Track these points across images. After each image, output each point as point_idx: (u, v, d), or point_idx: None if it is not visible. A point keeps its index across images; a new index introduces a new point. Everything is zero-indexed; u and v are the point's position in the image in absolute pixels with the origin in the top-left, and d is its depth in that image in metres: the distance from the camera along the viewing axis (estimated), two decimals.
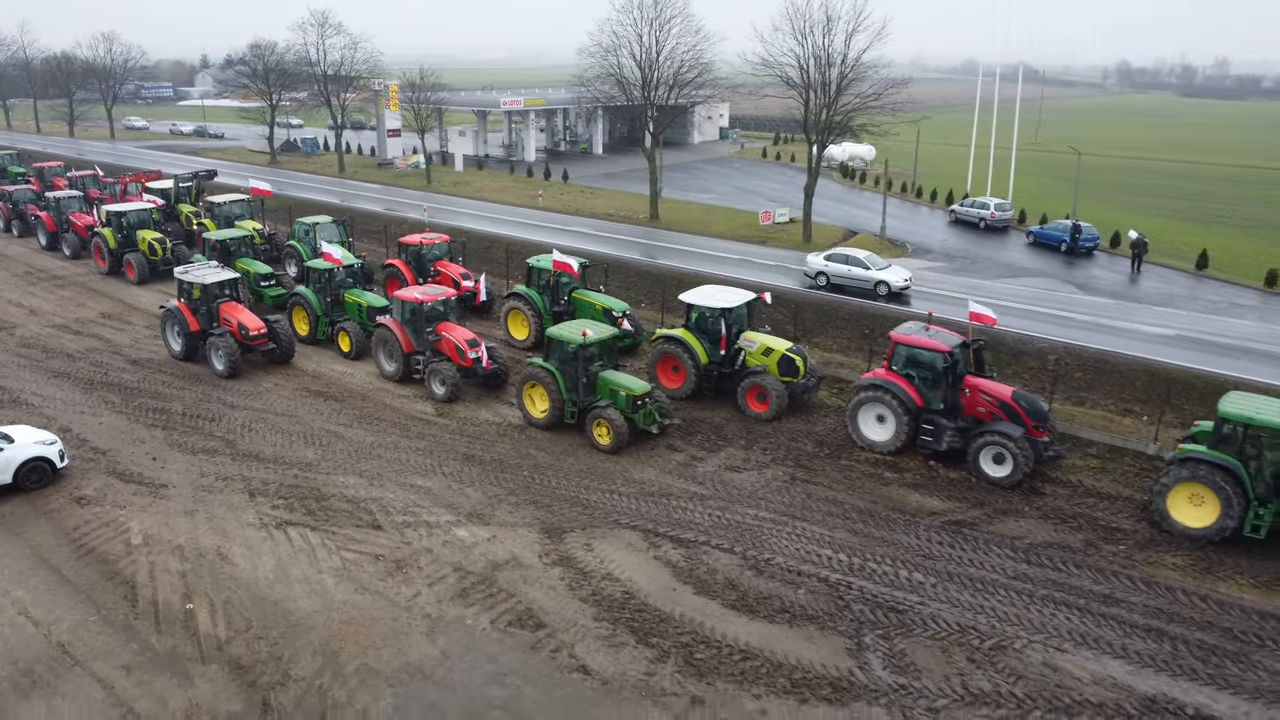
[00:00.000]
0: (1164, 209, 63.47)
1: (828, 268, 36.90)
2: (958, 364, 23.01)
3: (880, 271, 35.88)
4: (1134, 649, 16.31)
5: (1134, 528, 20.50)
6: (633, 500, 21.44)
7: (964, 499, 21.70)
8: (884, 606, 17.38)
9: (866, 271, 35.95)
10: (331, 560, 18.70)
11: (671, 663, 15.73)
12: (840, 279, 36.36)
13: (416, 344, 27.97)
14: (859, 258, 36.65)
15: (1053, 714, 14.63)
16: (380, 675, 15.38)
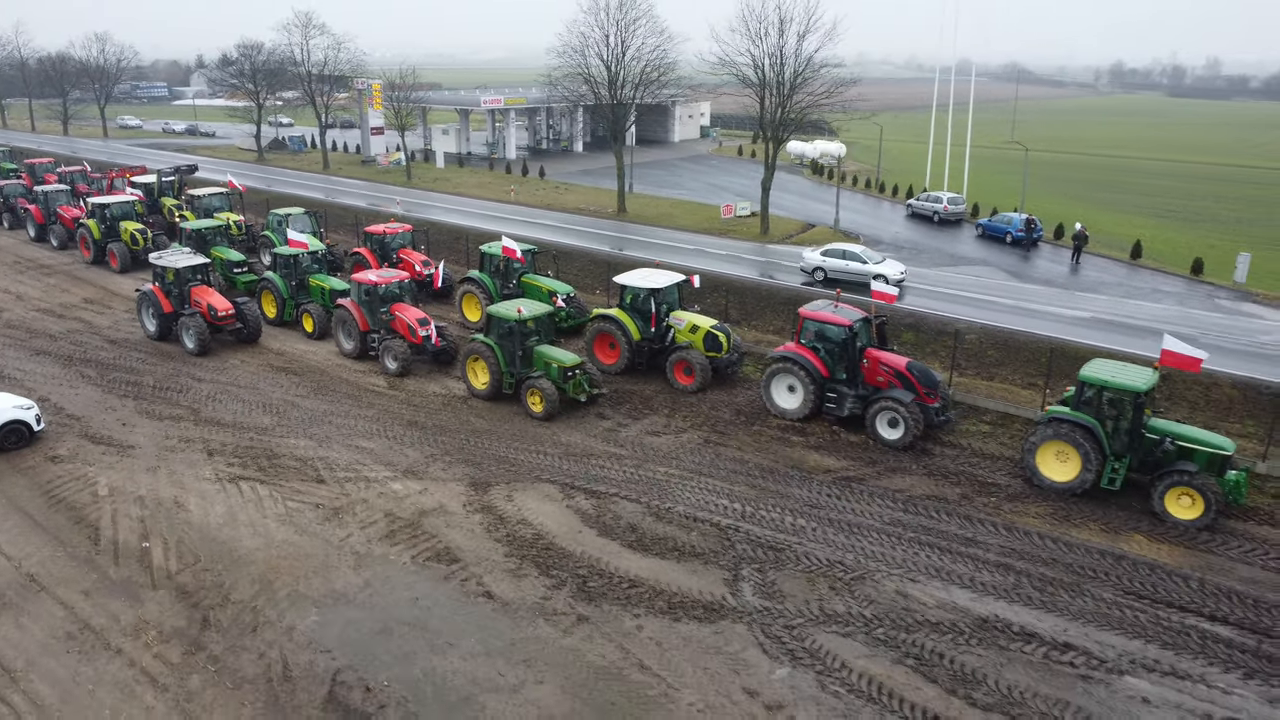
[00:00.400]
0: (1122, 204, 65.63)
1: (825, 263, 38.11)
2: (858, 337, 25.13)
3: (877, 265, 37.37)
4: (981, 580, 18.44)
5: (1008, 483, 22.63)
6: (557, 459, 23.58)
7: (859, 459, 23.84)
8: (764, 546, 19.51)
9: (864, 265, 37.31)
10: (276, 508, 20.83)
11: (566, 590, 17.86)
12: (838, 273, 37.49)
13: (372, 323, 30.09)
14: (856, 252, 38.11)
15: (895, 631, 16.75)
16: (308, 599, 17.52)
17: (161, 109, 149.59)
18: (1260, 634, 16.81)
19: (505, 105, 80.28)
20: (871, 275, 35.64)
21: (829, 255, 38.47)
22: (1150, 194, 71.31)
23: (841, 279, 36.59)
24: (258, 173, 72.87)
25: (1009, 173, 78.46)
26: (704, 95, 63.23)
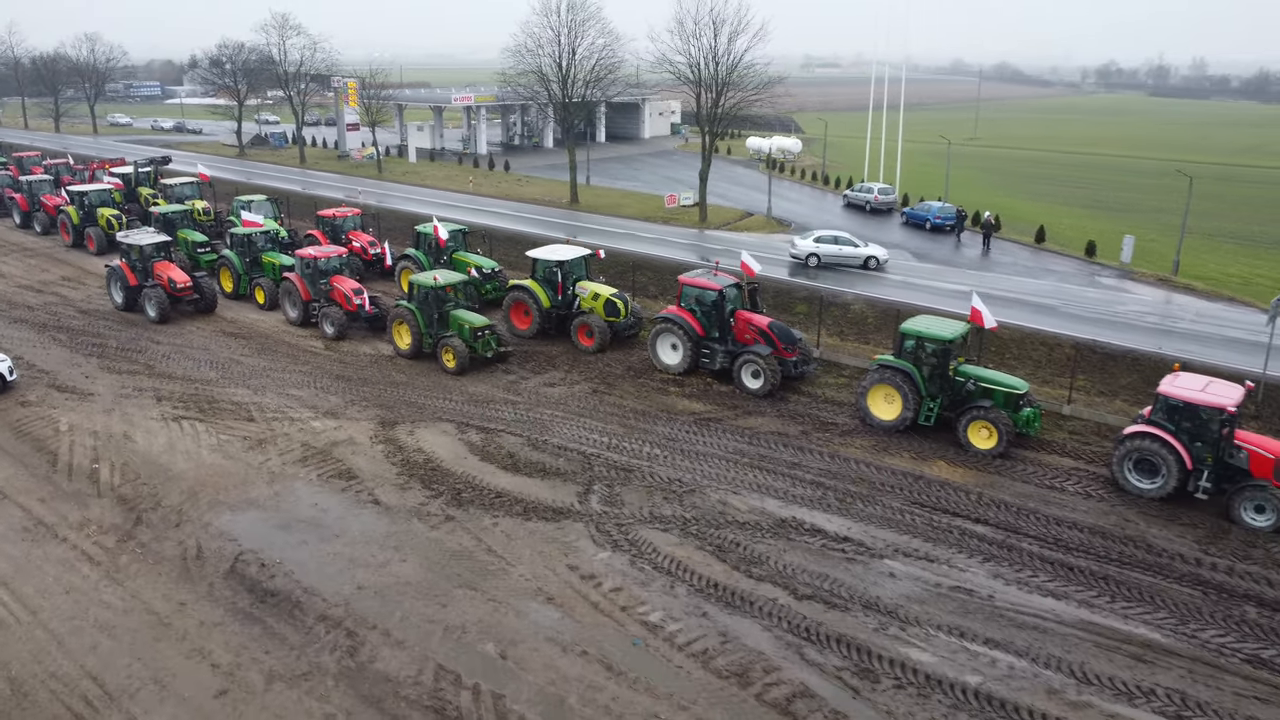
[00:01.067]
0: (1055, 195, 69.18)
1: (819, 249, 41.41)
2: (728, 300, 28.75)
3: (866, 249, 41.24)
4: (793, 494, 22.06)
5: (845, 423, 26.26)
6: (460, 405, 27.21)
7: (723, 405, 27.46)
8: (619, 468, 23.13)
9: (856, 249, 41.08)
10: (209, 440, 24.45)
11: (442, 499, 21.49)
12: (831, 258, 41.03)
13: (313, 293, 33.69)
14: (848, 237, 41.77)
15: (706, 528, 20.35)
16: (225, 505, 21.14)
17: (154, 107, 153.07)
18: (1009, 532, 20.42)
19: (476, 102, 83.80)
20: (864, 257, 40.24)
21: (821, 242, 41.94)
22: (1085, 186, 74.91)
23: (835, 262, 40.63)
24: (238, 167, 76.50)
25: (956, 166, 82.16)
26: (652, 92, 66.78)
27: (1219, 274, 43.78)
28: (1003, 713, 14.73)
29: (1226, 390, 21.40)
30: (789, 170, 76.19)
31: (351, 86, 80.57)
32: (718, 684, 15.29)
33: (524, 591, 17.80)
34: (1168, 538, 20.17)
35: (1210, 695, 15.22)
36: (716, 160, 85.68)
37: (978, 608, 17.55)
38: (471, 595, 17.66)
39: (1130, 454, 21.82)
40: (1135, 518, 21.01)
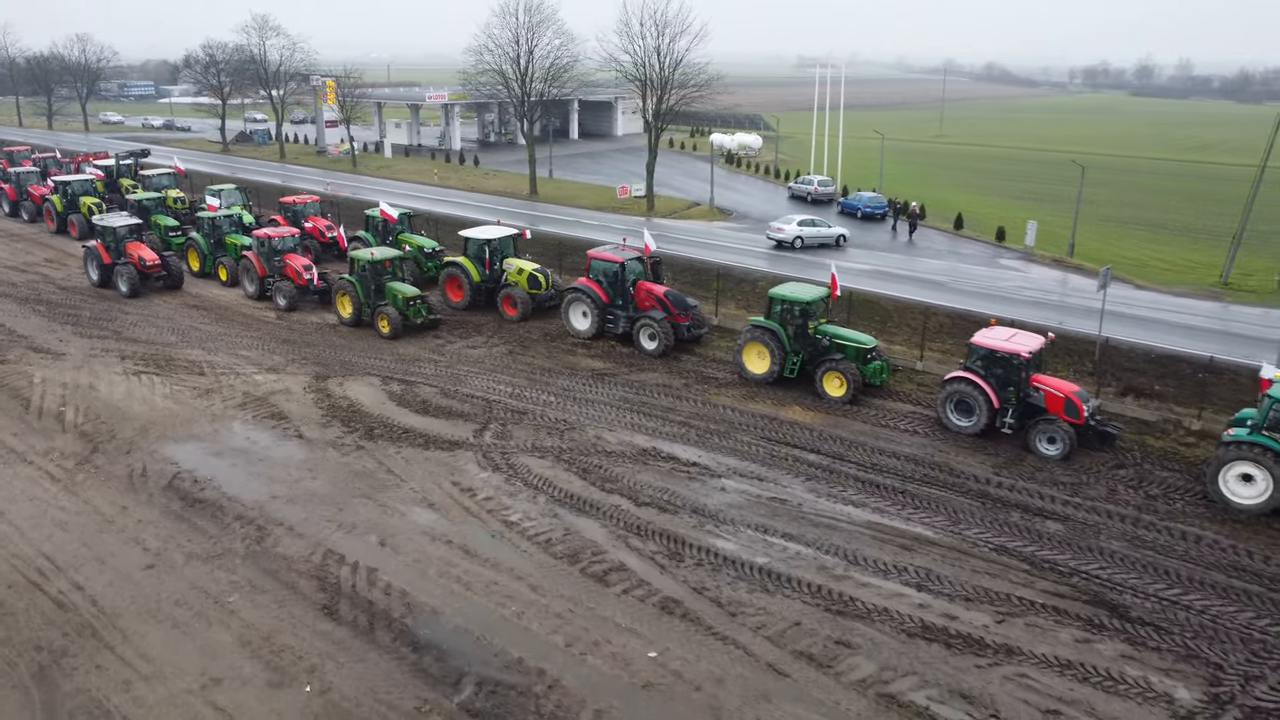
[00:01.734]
0: (991, 187, 72.86)
1: (802, 232, 46.75)
2: (629, 272, 32.40)
3: (836, 229, 47.71)
4: (660, 431, 25.68)
5: (724, 378, 29.89)
6: (389, 363, 30.87)
7: (621, 363, 31.10)
8: (515, 411, 26.78)
9: (830, 230, 47.23)
10: (163, 389, 28.11)
11: (356, 434, 25.14)
12: (812, 239, 46.58)
13: (268, 269, 37.33)
14: (822, 220, 48.35)
15: (577, 455, 23.95)
16: (171, 438, 24.80)
17: (147, 106, 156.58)
18: (836, 459, 24.07)
19: (449, 100, 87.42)
20: (836, 235, 46.98)
21: (804, 225, 47.28)
22: (1023, 180, 78.53)
23: (816, 241, 46.41)
24: (222, 162, 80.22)
25: (912, 161, 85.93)
26: (623, 92, 70.39)
27: (1116, 256, 47.30)
28: (776, 583, 18.38)
29: (1028, 340, 25.07)
30: (746, 165, 79.87)
31: (330, 86, 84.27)
32: (552, 563, 18.94)
33: (410, 500, 21.46)
34: (969, 464, 23.83)
35: (952, 572, 18.86)
36: (680, 155, 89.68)
37: (786, 513, 21.20)
38: (366, 503, 21.31)
39: (950, 396, 25.49)
40: (948, 449, 24.67)
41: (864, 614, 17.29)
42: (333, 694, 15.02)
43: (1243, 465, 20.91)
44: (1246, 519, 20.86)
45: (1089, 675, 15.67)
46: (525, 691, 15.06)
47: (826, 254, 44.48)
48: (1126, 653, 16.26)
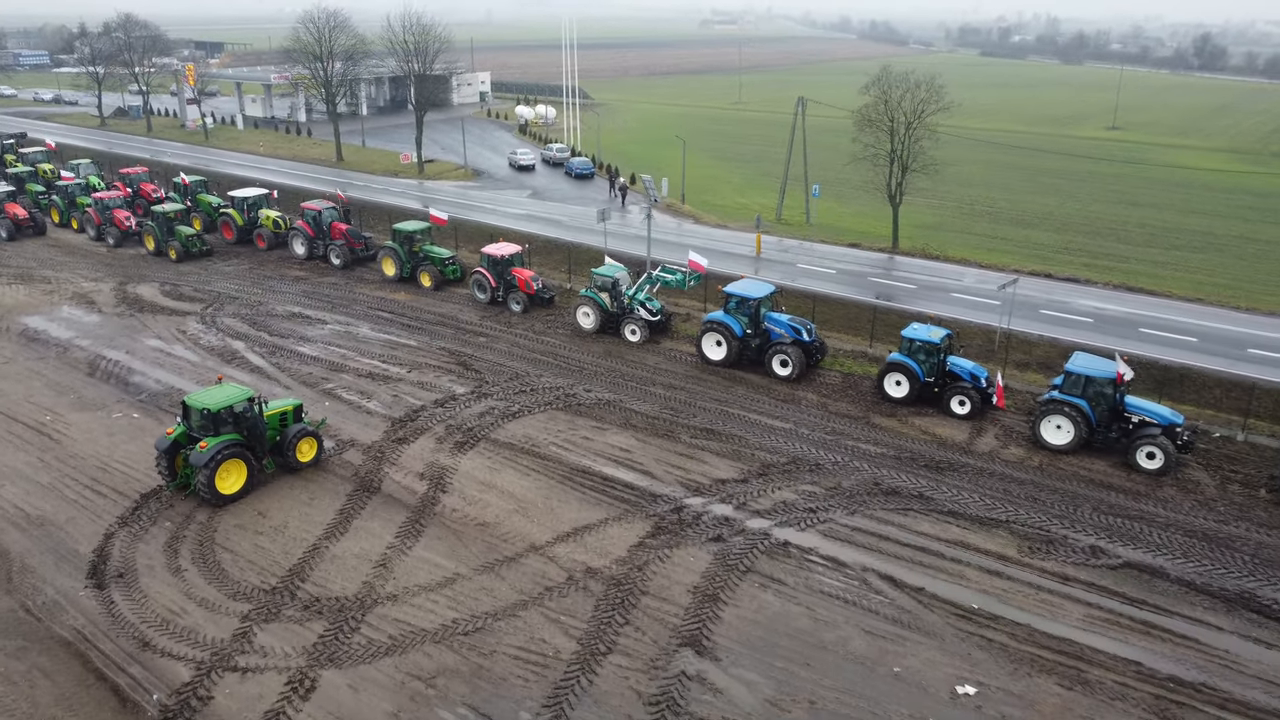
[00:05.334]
0: (714, 150, 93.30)
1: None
2: (325, 215, 51.86)
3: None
4: (307, 303, 45.39)
5: (373, 278, 49.66)
6: (170, 275, 49.93)
7: (314, 272, 50.56)
8: (232, 298, 46.20)
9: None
10: (23, 291, 46.77)
11: (135, 310, 44.49)
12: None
13: (103, 219, 55.90)
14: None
15: (260, 318, 43.59)
16: (24, 314, 43.89)
17: (41, 77, 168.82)
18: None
19: (294, 79, 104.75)
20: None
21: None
22: (754, 144, 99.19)
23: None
24: (97, 136, 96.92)
25: (683, 127, 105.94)
26: (458, 68, 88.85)
27: (714, 202, 67.89)
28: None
29: (507, 247, 45.22)
30: (531, 134, 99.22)
31: (189, 69, 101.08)
32: (210, 357, 38.64)
33: (153, 336, 40.78)
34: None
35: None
36: (490, 124, 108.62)
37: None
38: (126, 339, 40.54)
39: (474, 280, 45.67)
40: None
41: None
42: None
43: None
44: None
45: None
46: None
47: (523, 186, 64.44)
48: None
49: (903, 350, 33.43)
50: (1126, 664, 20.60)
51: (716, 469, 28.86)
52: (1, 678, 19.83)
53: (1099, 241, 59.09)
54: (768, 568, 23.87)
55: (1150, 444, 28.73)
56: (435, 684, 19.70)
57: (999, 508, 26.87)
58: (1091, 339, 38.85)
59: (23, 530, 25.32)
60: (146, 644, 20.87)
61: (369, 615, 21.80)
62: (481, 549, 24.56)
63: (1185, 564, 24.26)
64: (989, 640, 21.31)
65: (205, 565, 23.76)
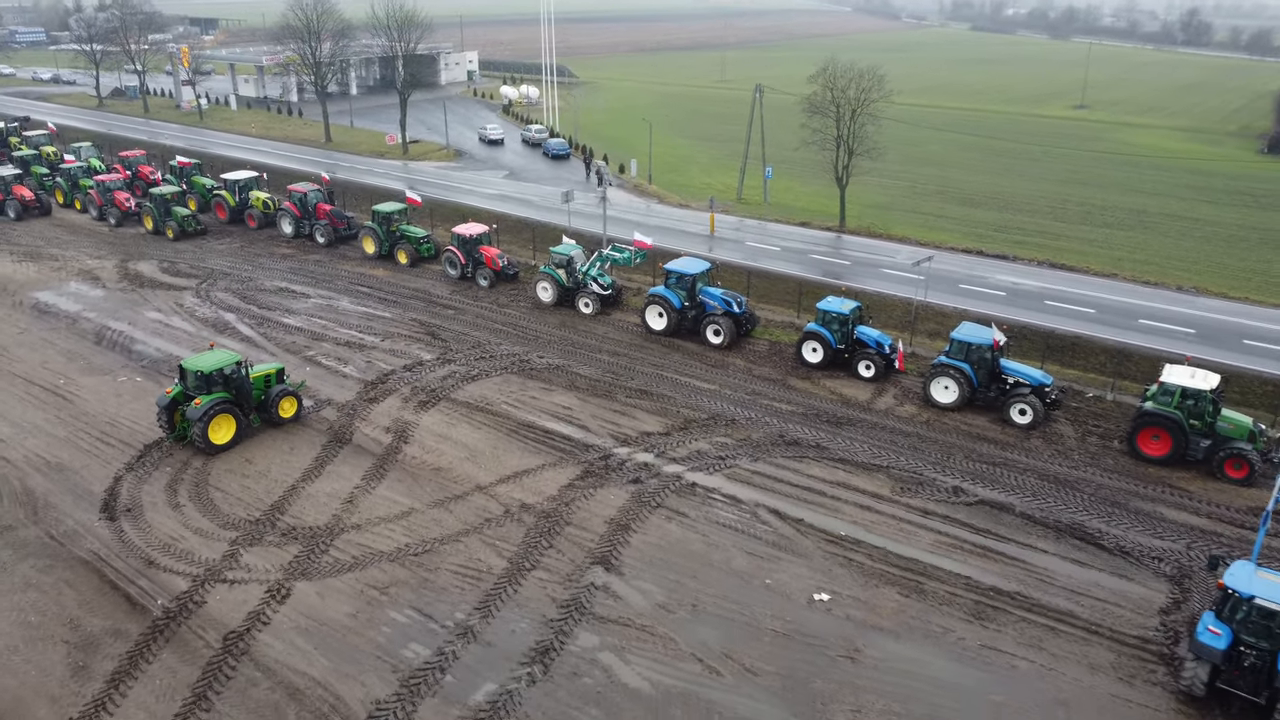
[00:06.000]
0: (691, 130, 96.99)
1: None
2: (310, 197, 55.92)
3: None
4: (293, 277, 49.61)
5: (355, 256, 53.82)
6: (167, 253, 54.12)
7: (301, 250, 54.71)
8: (225, 274, 50.41)
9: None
10: (33, 268, 51.04)
11: (136, 286, 48.72)
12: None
13: (105, 200, 59.96)
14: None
15: (251, 292, 47.83)
16: (34, 289, 48.16)
17: (38, 55, 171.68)
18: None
19: (285, 60, 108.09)
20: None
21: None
22: (727, 122, 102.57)
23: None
24: (95, 117, 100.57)
25: (664, 105, 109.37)
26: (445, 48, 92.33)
27: (695, 184, 71.85)
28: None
29: (476, 227, 49.34)
30: (515, 115, 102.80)
31: (184, 52, 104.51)
32: (201, 327, 42.92)
33: (152, 310, 45.06)
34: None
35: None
36: (476, 104, 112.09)
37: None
38: (129, 310, 44.77)
39: (449, 259, 49.86)
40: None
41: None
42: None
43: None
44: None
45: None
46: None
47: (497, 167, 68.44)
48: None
49: (818, 321, 37.66)
50: (958, 578, 25.01)
51: (645, 424, 33.22)
52: (34, 587, 24.30)
53: (1036, 220, 63.15)
54: (675, 504, 28.27)
55: (1021, 402, 33.06)
56: (388, 592, 24.14)
57: (883, 455, 31.24)
58: (1001, 311, 43.12)
59: (44, 474, 29.70)
60: (151, 562, 25.28)
61: (336, 541, 26.23)
62: (434, 489, 28.96)
63: (1031, 501, 28.65)
64: (849, 560, 25.75)
65: (200, 501, 28.18)
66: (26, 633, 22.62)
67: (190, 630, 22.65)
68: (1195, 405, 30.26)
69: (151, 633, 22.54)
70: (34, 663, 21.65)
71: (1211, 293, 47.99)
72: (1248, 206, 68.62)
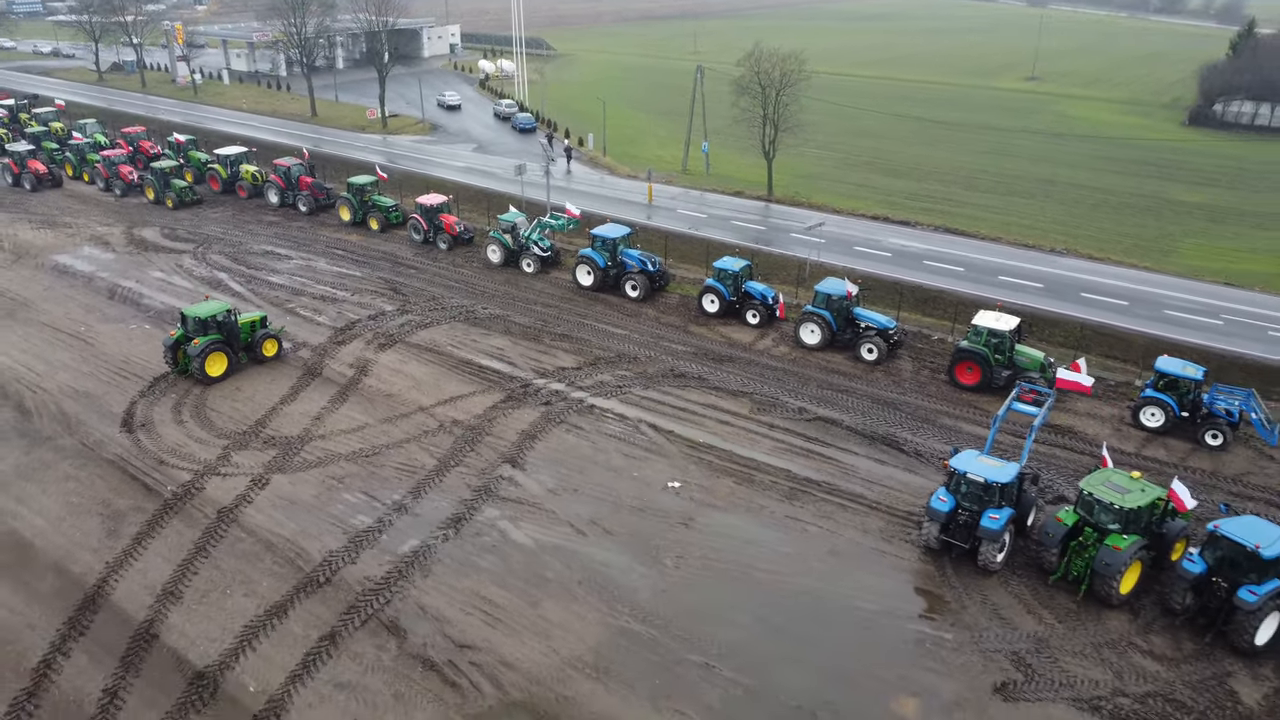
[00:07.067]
0: (651, 103, 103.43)
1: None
2: (293, 170, 63.05)
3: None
4: (277, 241, 56.90)
5: (334, 223, 61.04)
6: (168, 220, 61.34)
7: (286, 218, 61.89)
8: (219, 239, 57.68)
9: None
10: (50, 234, 58.31)
11: (141, 249, 56.01)
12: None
13: (110, 173, 67.04)
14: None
15: (242, 254, 55.12)
16: (52, 252, 55.43)
17: (39, 26, 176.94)
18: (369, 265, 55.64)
19: (274, 38, 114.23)
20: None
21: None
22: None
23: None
24: (95, 92, 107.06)
25: (633, 78, 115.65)
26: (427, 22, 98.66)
27: (649, 156, 78.69)
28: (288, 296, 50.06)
29: (436, 197, 56.55)
30: (490, 89, 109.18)
31: (179, 29, 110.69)
32: (195, 283, 50.33)
33: (156, 270, 52.32)
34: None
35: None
36: (454, 77, 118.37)
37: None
38: (136, 269, 52.00)
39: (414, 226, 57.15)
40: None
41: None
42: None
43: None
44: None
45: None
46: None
47: (460, 157, 75.46)
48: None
49: (714, 276, 45.03)
50: (782, 472, 32.63)
51: (562, 361, 40.71)
52: (73, 479, 31.91)
53: (948, 189, 70.24)
54: (575, 420, 35.83)
55: (869, 342, 40.55)
56: (343, 481, 31.76)
57: (751, 384, 38.77)
58: (886, 269, 50.40)
59: (74, 400, 37.24)
60: (162, 461, 32.90)
61: (305, 446, 33.82)
62: (385, 409, 36.52)
63: (859, 418, 36.20)
64: (701, 459, 33.36)
65: (199, 418, 35.76)
66: (70, 509, 30.27)
67: (193, 507, 30.27)
68: (999, 343, 37.66)
69: (163, 509, 30.15)
70: (78, 528, 29.31)
71: (1080, 254, 55.10)
72: (1148, 176, 75.55)
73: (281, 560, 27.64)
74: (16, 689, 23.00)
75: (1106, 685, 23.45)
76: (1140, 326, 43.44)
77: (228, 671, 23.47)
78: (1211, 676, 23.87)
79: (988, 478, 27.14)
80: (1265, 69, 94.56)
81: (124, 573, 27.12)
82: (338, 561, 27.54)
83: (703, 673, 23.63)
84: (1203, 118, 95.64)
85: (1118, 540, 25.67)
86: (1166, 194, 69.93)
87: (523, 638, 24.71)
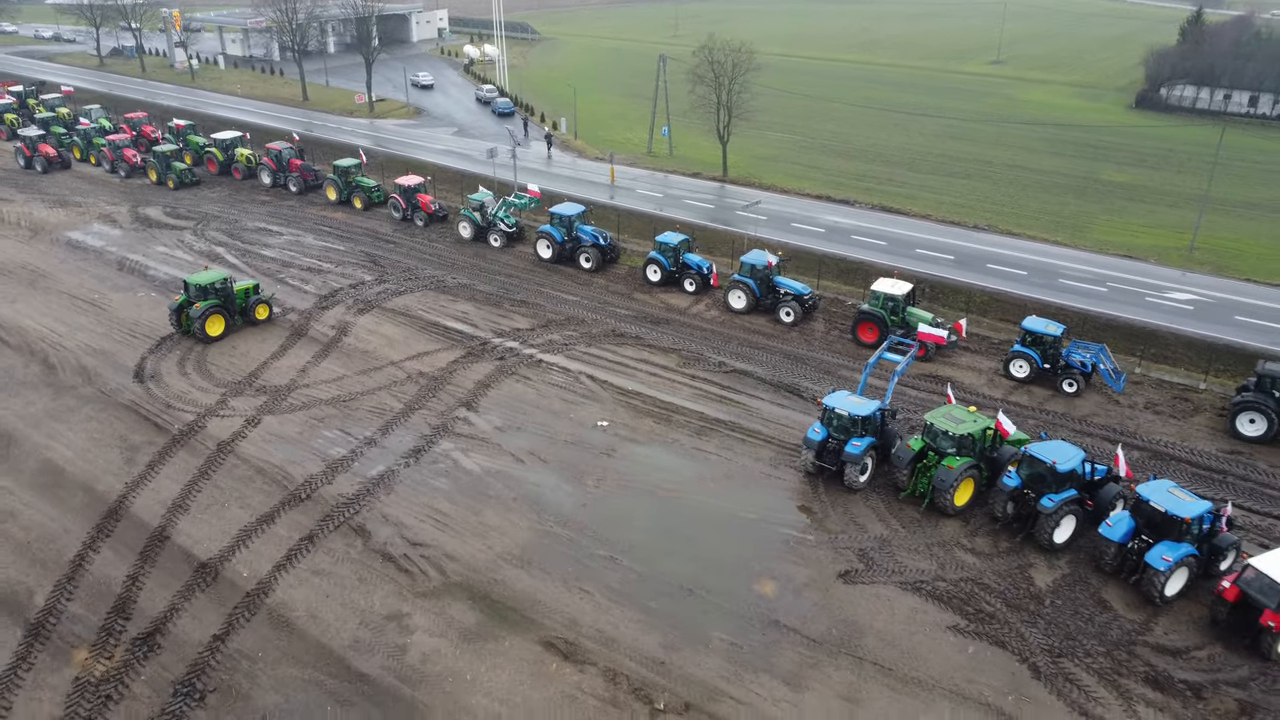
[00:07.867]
0: (624, 87, 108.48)
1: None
2: (284, 154, 68.57)
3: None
4: (270, 218, 62.55)
5: (321, 201, 66.67)
6: (169, 201, 66.92)
7: (278, 198, 67.46)
8: (216, 217, 63.32)
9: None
10: (61, 212, 63.86)
11: (146, 226, 61.69)
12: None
13: (115, 155, 72.57)
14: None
15: (239, 231, 60.80)
16: (65, 229, 61.14)
17: (39, 10, 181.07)
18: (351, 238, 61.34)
19: (267, 25, 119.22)
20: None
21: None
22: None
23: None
24: (96, 78, 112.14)
25: (619, 61, 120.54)
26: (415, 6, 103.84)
27: (620, 139, 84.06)
28: (279, 268, 55.82)
29: (414, 178, 62.18)
30: (474, 74, 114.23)
31: (176, 16, 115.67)
32: (196, 257, 56.04)
33: (161, 245, 57.94)
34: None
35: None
36: (441, 62, 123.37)
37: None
38: (143, 245, 57.82)
39: (393, 204, 62.84)
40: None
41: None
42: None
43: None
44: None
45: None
46: None
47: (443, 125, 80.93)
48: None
49: (656, 249, 50.79)
50: (695, 413, 38.50)
51: (518, 323, 46.52)
52: (94, 420, 37.78)
53: (892, 170, 75.71)
54: (525, 372, 41.68)
55: (786, 306, 46.36)
56: (323, 421, 37.66)
57: (681, 343, 44.59)
58: (818, 244, 56.04)
59: (92, 356, 43.06)
60: (169, 405, 38.78)
61: (291, 393, 39.70)
62: (361, 363, 42.36)
63: (771, 371, 42.05)
64: (629, 404, 39.24)
65: (201, 371, 41.62)
66: (94, 443, 36.18)
67: (196, 441, 36.17)
68: (894, 305, 43.48)
69: (171, 443, 36.05)
70: (101, 458, 35.22)
71: (999, 230, 60.70)
72: (1084, 158, 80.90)
73: (270, 482, 33.54)
74: (59, 575, 28.90)
75: (930, 573, 29.36)
76: (1033, 293, 49.14)
77: (226, 563, 29.38)
78: (1016, 567, 29.77)
79: (851, 411, 32.99)
80: (1209, 54, 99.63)
81: (140, 491, 32.99)
82: (317, 482, 33.42)
83: (606, 563, 29.56)
84: (1149, 101, 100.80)
85: (952, 461, 31.54)
86: (1097, 175, 75.32)
87: (465, 538, 30.64)
